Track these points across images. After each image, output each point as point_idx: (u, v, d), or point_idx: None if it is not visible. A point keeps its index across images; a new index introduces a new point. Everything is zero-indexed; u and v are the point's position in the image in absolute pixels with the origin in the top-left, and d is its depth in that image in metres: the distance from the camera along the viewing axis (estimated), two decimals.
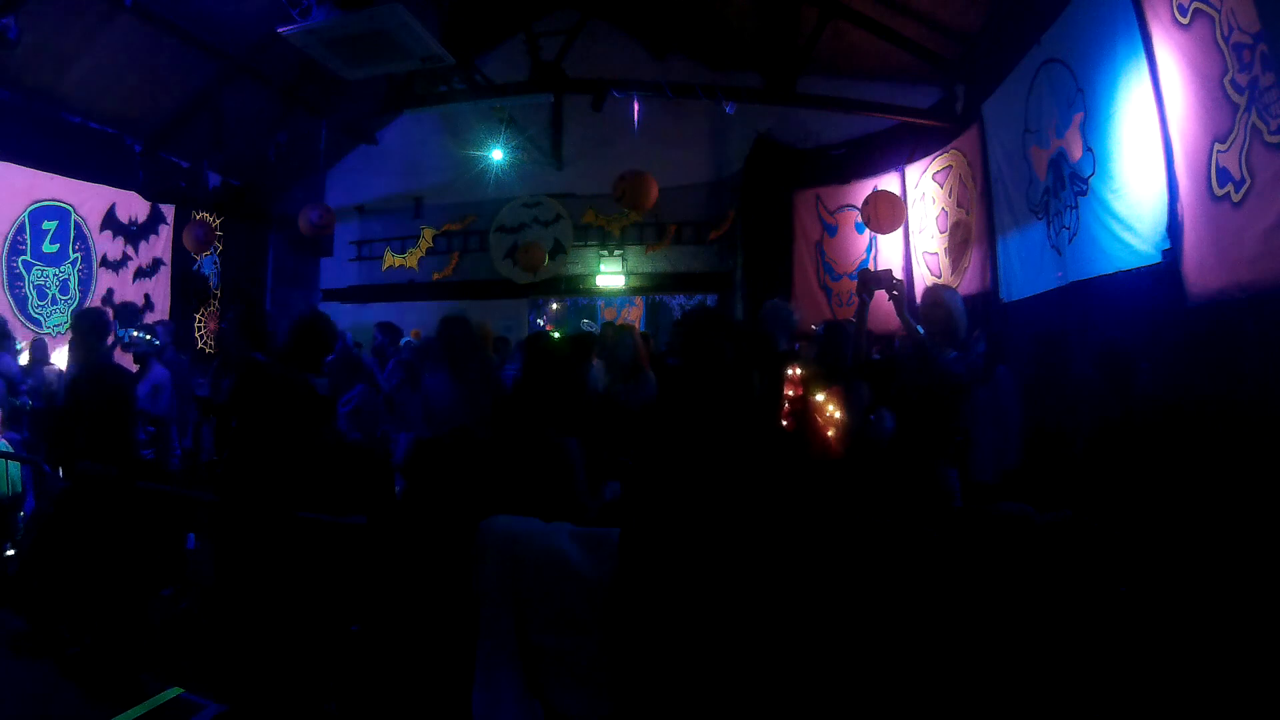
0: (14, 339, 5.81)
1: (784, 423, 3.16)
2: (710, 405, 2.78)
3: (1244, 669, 1.66)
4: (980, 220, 5.84)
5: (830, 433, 3.09)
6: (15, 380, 5.15)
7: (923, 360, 3.03)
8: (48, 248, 7.11)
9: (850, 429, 3.17)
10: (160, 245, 8.45)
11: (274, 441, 2.81)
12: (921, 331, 3.10)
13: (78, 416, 3.48)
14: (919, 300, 3.25)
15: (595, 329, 8.54)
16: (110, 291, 7.81)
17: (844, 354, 3.58)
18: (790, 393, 3.28)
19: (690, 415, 2.59)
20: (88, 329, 3.71)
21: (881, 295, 3.30)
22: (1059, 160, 4.50)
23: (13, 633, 3.25)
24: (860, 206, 6.73)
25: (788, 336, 4.22)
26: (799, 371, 3.36)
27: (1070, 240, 4.42)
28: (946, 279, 6.43)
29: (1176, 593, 1.81)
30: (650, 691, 1.91)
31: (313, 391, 2.97)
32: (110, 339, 4.09)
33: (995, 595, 1.86)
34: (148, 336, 4.76)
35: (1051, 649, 1.78)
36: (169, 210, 8.48)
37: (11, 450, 4.44)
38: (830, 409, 3.11)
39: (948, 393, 3.05)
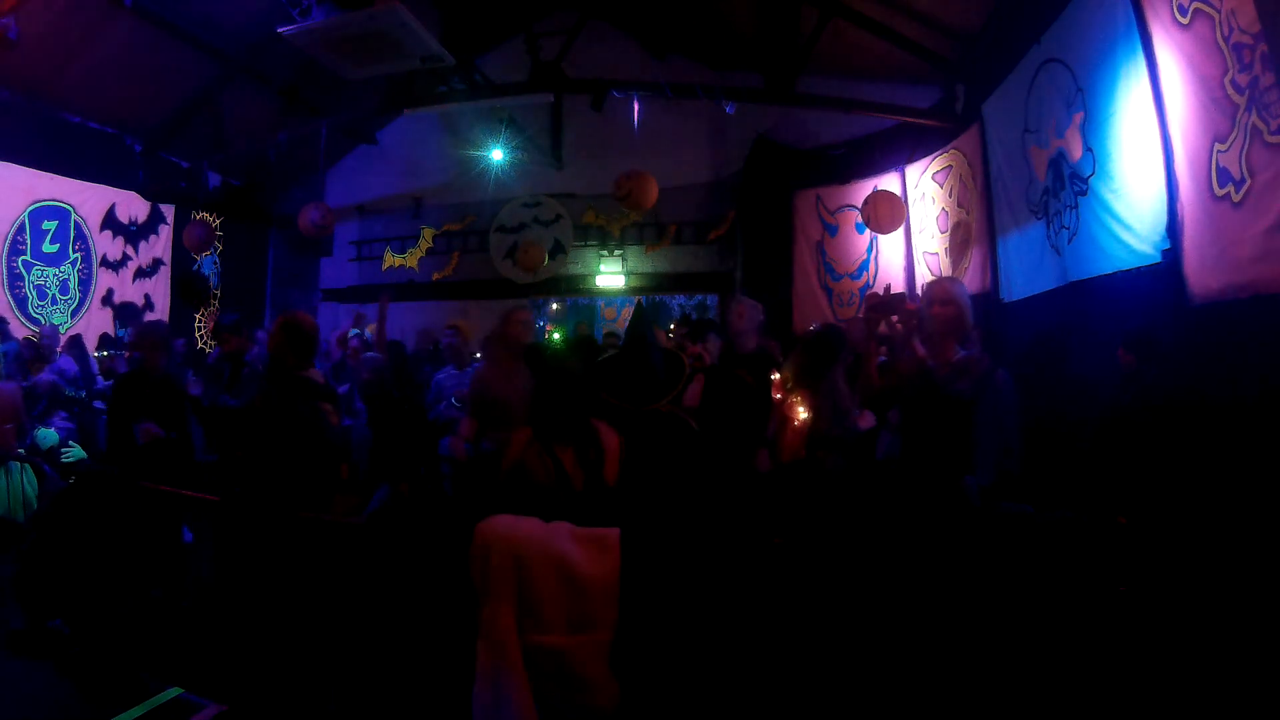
0: (13, 340, 5.82)
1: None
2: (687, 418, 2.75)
3: (1244, 667, 1.65)
4: (980, 220, 5.83)
5: (795, 433, 3.06)
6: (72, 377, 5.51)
7: (928, 387, 2.86)
8: (48, 248, 7.11)
9: (821, 431, 3.11)
10: (160, 245, 8.46)
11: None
12: (932, 365, 2.88)
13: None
14: (922, 296, 3.02)
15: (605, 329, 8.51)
16: (110, 291, 7.82)
17: (829, 361, 3.33)
18: (776, 395, 3.24)
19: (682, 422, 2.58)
20: (159, 342, 4.06)
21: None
22: (1059, 160, 4.50)
23: (12, 633, 3.25)
24: (860, 206, 6.73)
25: (758, 335, 4.19)
26: (780, 375, 3.31)
27: (1070, 240, 4.41)
28: None
29: (1177, 591, 1.81)
30: (651, 690, 1.91)
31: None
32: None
33: (994, 594, 1.86)
34: None
35: (1051, 647, 1.78)
36: (169, 210, 8.48)
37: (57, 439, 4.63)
38: (799, 410, 3.08)
39: (957, 412, 2.89)
